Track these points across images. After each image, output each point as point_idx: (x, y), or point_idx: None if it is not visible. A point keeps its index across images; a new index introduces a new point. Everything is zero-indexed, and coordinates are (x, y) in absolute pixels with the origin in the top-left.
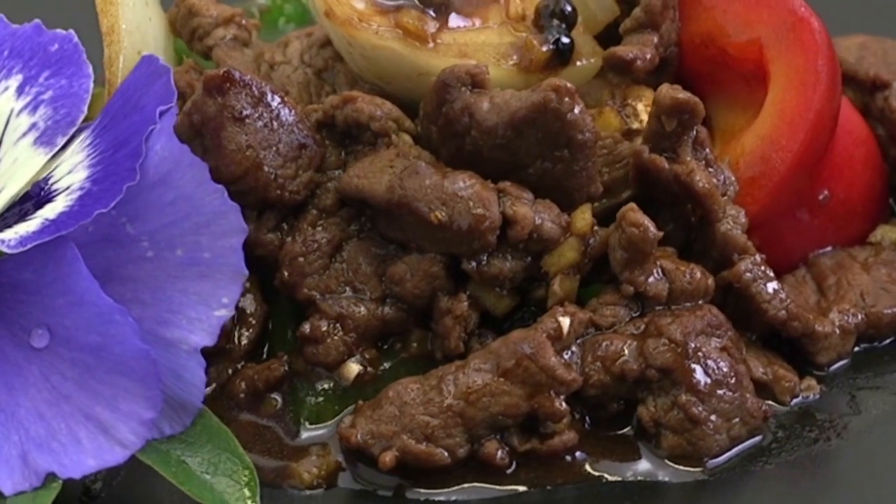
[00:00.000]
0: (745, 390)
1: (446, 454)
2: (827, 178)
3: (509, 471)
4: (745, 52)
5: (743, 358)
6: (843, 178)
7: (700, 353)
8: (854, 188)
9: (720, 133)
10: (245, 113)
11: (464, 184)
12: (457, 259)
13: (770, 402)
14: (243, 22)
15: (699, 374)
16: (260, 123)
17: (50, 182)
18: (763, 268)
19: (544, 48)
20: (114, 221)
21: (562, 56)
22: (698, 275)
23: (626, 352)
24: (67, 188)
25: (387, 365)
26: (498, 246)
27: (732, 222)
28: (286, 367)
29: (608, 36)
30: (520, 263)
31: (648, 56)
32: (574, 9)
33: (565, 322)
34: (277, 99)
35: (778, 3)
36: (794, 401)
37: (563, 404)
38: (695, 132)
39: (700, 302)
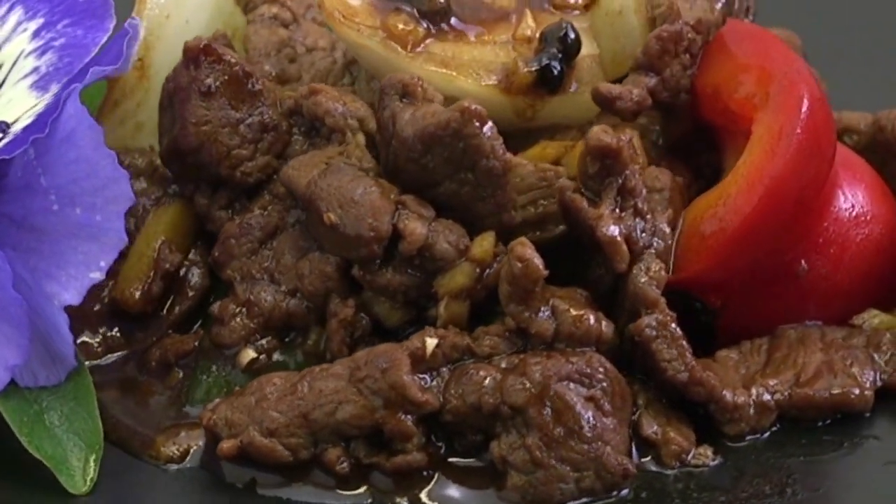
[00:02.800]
0: (605, 444)
1: (288, 453)
2: (807, 251)
3: (354, 479)
4: (743, 108)
5: (615, 412)
6: (827, 254)
7: (557, 399)
8: (841, 266)
9: None
10: (213, 88)
11: (363, 190)
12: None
13: (651, 461)
14: (288, 3)
15: (550, 418)
16: (225, 100)
17: (10, 125)
18: (670, 327)
19: (525, 70)
20: (33, 171)
21: (547, 82)
22: (590, 321)
23: (487, 384)
24: (11, 133)
25: (281, 357)
26: (392, 258)
27: (646, 275)
28: (197, 343)
29: None
30: (411, 278)
31: (634, 96)
32: (577, 37)
33: (431, 343)
34: (252, 80)
35: (779, 65)
36: (679, 466)
37: (411, 424)
38: (621, 179)
39: (589, 348)
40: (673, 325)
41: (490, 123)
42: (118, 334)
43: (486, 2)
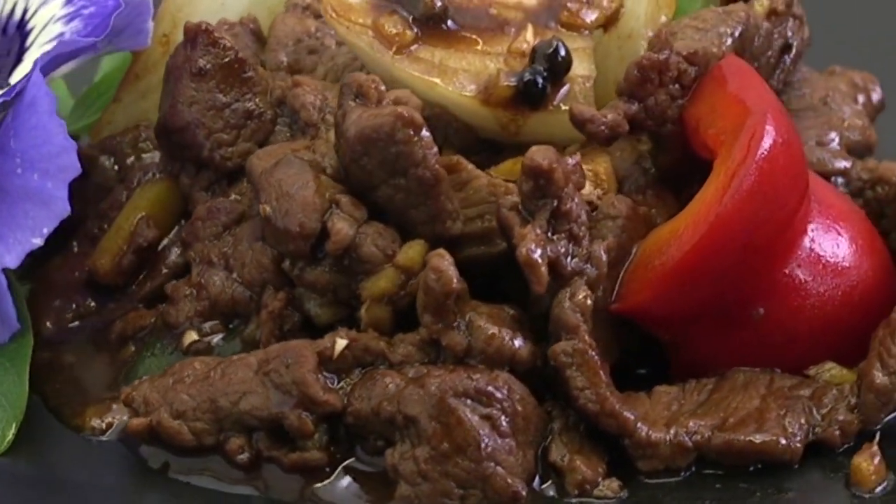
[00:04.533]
0: (497, 464)
1: (192, 437)
2: (764, 296)
3: (254, 470)
4: (714, 143)
5: (515, 433)
6: (786, 302)
7: (450, 414)
8: (802, 316)
9: None
10: (205, 70)
11: (299, 185)
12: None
13: (552, 487)
14: None
15: (439, 432)
16: (214, 84)
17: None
18: (587, 354)
19: (505, 83)
20: (6, 133)
21: (528, 97)
22: (504, 339)
23: (389, 390)
24: None
25: (221, 343)
26: (323, 256)
27: (570, 301)
28: (153, 321)
29: None
30: (339, 278)
31: (607, 120)
32: (567, 56)
33: (340, 344)
34: (245, 67)
35: (751, 105)
36: (580, 495)
37: (311, 422)
38: (555, 202)
39: (499, 368)
40: (591, 352)
41: (425, 132)
42: (91, 303)
43: (492, 13)
